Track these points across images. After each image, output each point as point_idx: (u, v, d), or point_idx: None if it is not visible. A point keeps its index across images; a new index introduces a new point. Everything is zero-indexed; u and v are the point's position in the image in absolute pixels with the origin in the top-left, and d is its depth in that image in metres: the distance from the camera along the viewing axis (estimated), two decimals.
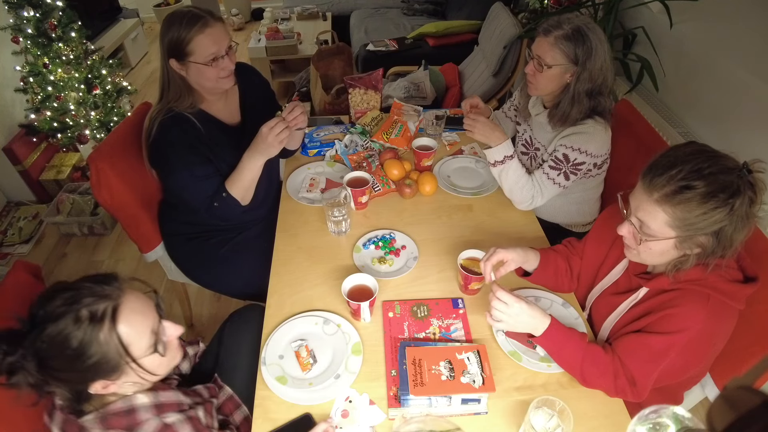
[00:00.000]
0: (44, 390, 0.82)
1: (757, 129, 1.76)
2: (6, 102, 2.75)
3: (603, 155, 1.49)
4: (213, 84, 1.42)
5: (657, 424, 0.62)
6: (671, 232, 0.93)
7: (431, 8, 4.28)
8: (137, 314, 0.83)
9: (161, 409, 0.89)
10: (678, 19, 2.11)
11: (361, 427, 1.01)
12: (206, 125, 1.46)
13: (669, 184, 0.90)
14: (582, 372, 1.04)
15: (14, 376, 0.78)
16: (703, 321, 0.96)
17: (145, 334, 0.84)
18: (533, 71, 1.46)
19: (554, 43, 1.38)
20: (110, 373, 0.81)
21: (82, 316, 0.78)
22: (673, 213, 0.91)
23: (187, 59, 1.36)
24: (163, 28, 1.37)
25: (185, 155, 1.40)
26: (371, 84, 1.99)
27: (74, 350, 0.77)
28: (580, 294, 1.30)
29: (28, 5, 2.37)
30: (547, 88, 1.47)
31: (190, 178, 1.41)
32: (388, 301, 1.26)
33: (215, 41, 1.36)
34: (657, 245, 0.96)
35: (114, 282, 0.84)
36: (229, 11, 5.49)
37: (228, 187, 1.44)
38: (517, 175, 1.48)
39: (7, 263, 2.52)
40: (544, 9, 3.09)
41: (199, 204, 1.44)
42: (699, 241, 0.93)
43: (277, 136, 1.35)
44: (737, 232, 0.91)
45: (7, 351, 0.78)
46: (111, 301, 0.81)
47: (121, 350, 0.81)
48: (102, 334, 0.79)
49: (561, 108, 1.45)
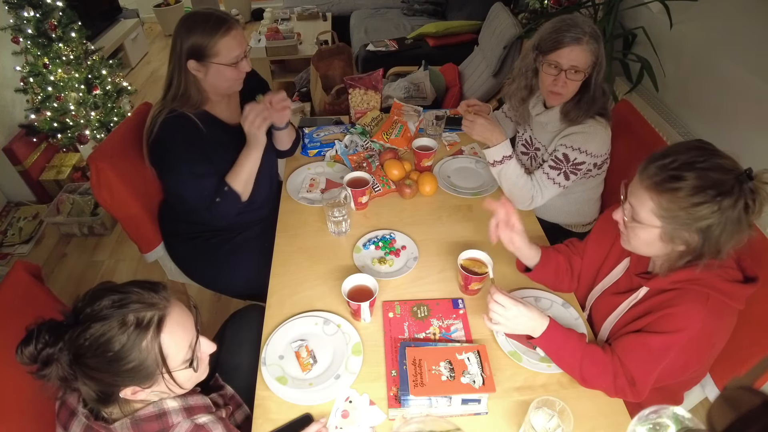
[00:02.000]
0: (71, 385, 0.82)
1: (757, 129, 1.76)
2: (6, 102, 2.75)
3: (603, 155, 1.49)
4: (230, 85, 1.44)
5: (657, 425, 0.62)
6: (656, 221, 0.94)
7: (431, 8, 4.28)
8: (180, 327, 0.84)
9: (191, 411, 0.90)
10: (678, 19, 2.11)
11: (362, 427, 1.01)
12: (208, 125, 1.46)
13: (660, 173, 0.91)
14: (581, 372, 1.04)
15: (47, 367, 0.78)
16: (703, 320, 0.96)
17: (183, 348, 0.84)
18: (564, 82, 1.40)
19: (586, 48, 1.36)
20: (143, 381, 0.82)
21: (129, 321, 0.78)
22: (659, 202, 0.91)
23: (210, 60, 1.37)
24: (183, 30, 1.37)
25: (185, 153, 1.41)
26: (371, 84, 1.99)
27: (114, 353, 0.77)
28: (580, 294, 1.30)
29: (28, 5, 2.38)
30: (572, 93, 1.44)
31: (190, 175, 1.41)
32: (388, 302, 1.26)
33: (239, 43, 1.39)
34: (643, 233, 0.97)
35: (162, 291, 0.85)
36: (229, 11, 5.49)
37: (229, 181, 1.45)
38: (516, 175, 1.48)
39: (7, 263, 2.52)
40: (544, 9, 3.09)
41: (200, 201, 1.44)
42: (684, 238, 0.93)
43: (251, 123, 1.38)
44: (726, 235, 0.90)
45: (47, 342, 0.78)
46: (158, 311, 0.81)
47: (159, 360, 0.81)
48: (145, 341, 0.79)
49: (584, 101, 1.43)
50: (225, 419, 0.96)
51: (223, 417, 0.97)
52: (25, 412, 0.97)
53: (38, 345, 0.78)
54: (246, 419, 1.14)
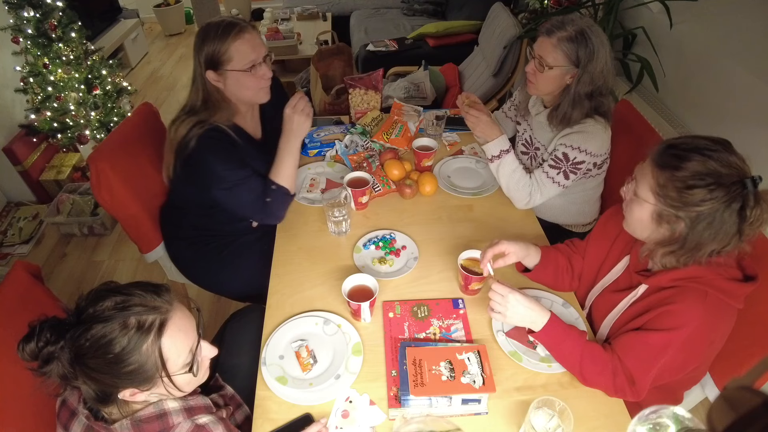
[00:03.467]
0: (71, 383, 0.82)
1: (758, 129, 1.77)
2: (6, 102, 2.75)
3: (603, 154, 1.50)
4: (252, 93, 1.43)
5: (657, 425, 0.62)
6: (651, 198, 0.95)
7: (431, 8, 4.28)
8: (181, 332, 0.84)
9: (191, 412, 0.90)
10: (678, 19, 2.11)
11: (362, 427, 1.01)
12: (241, 138, 1.47)
13: (668, 151, 0.93)
14: (581, 369, 1.04)
15: (48, 365, 0.78)
16: (700, 318, 0.96)
17: (184, 353, 0.84)
18: (533, 71, 1.46)
19: (557, 44, 1.38)
20: (142, 384, 0.82)
21: (130, 323, 0.78)
22: (657, 178, 0.93)
23: (225, 68, 1.36)
24: (198, 41, 1.37)
25: (228, 163, 1.40)
26: (371, 84, 1.99)
27: (115, 355, 0.77)
28: (580, 293, 1.30)
29: (28, 5, 2.37)
30: (547, 89, 1.47)
31: (237, 180, 1.40)
32: (389, 302, 1.26)
33: (253, 47, 1.37)
34: (638, 209, 0.99)
35: (165, 294, 0.84)
36: (229, 11, 5.49)
37: (273, 178, 1.45)
38: (512, 169, 1.50)
39: (7, 263, 2.52)
40: (544, 9, 3.09)
41: (253, 203, 1.43)
42: (672, 221, 0.94)
43: (302, 111, 1.41)
44: (710, 232, 0.90)
45: (49, 340, 0.78)
46: (160, 314, 0.81)
47: (159, 364, 0.81)
48: (145, 345, 0.79)
49: (561, 109, 1.45)
50: (226, 419, 0.96)
51: (224, 417, 0.97)
52: (26, 412, 0.97)
53: (39, 342, 0.78)
54: (246, 419, 1.14)
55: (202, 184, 1.42)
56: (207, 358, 0.91)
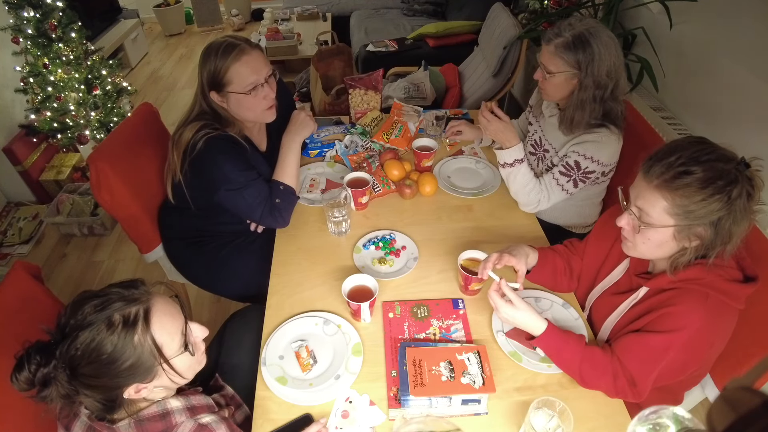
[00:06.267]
0: (74, 400, 0.82)
1: (757, 129, 1.76)
2: (6, 102, 2.75)
3: (612, 164, 1.50)
4: (255, 114, 1.44)
5: (657, 425, 0.61)
6: (670, 220, 0.93)
7: (431, 9, 4.28)
8: (167, 316, 0.84)
9: (194, 411, 0.90)
10: (678, 20, 2.11)
11: (362, 427, 1.01)
12: (248, 145, 1.49)
13: (668, 171, 0.91)
14: (581, 374, 1.04)
15: (47, 388, 0.78)
16: (701, 319, 0.96)
17: (176, 335, 0.84)
18: (541, 78, 1.46)
19: (554, 52, 1.37)
20: (144, 376, 0.82)
21: (115, 320, 0.78)
22: (673, 199, 0.91)
23: (226, 89, 1.36)
24: (201, 61, 1.37)
25: (238, 164, 1.40)
26: (371, 84, 1.99)
27: (109, 355, 0.77)
28: (580, 294, 1.30)
29: (28, 5, 2.38)
30: (557, 95, 1.47)
31: (246, 182, 1.40)
32: (389, 302, 1.26)
33: (254, 70, 1.36)
34: (656, 234, 0.96)
35: (141, 286, 0.85)
36: (229, 11, 5.49)
37: (279, 178, 1.47)
38: (526, 180, 1.48)
39: (7, 263, 2.52)
40: (544, 10, 3.09)
41: (260, 207, 1.43)
42: (697, 232, 0.93)
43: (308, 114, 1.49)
44: (736, 224, 0.90)
45: (40, 362, 0.78)
46: (141, 305, 0.82)
47: (155, 351, 0.81)
48: (136, 336, 0.79)
49: (568, 113, 1.44)
50: (228, 419, 0.96)
51: (226, 417, 0.97)
52: (26, 412, 0.97)
53: (31, 367, 0.77)
54: (246, 419, 1.14)
55: (209, 185, 1.42)
56: (199, 338, 0.91)
